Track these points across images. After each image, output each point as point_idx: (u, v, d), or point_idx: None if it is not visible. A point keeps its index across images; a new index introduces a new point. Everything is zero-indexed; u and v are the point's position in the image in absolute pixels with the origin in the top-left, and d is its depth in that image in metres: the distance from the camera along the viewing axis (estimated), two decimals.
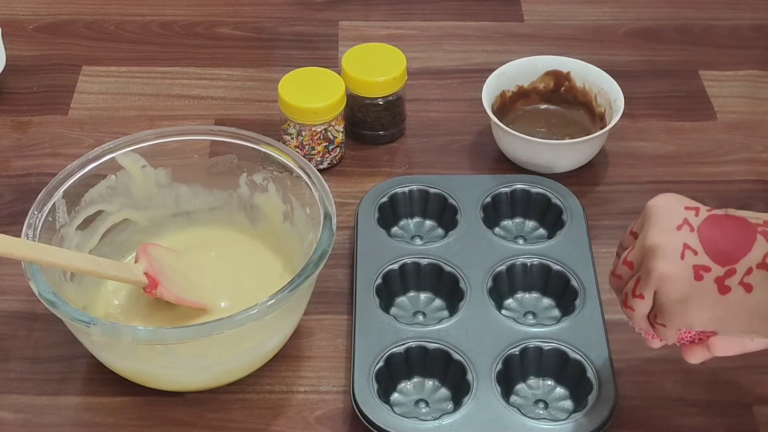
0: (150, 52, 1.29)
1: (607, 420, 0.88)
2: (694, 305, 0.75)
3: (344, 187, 1.10)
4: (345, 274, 1.02)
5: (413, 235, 1.05)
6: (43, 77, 1.24)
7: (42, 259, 0.86)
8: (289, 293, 0.86)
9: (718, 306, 0.74)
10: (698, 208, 0.76)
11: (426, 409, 0.91)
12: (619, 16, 1.34)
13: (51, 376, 0.94)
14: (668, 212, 0.76)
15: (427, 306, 0.99)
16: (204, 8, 1.35)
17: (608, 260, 1.01)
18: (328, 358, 0.96)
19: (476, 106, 1.14)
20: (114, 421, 0.91)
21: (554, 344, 0.92)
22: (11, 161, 1.14)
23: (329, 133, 1.11)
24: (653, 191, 1.10)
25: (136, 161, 0.99)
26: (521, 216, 1.06)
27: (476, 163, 1.14)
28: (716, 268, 0.73)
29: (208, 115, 1.20)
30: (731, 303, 0.74)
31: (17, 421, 0.91)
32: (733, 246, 0.72)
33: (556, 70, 1.16)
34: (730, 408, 0.91)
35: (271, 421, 0.91)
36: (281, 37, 1.31)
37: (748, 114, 1.20)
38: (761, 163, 1.14)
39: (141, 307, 0.96)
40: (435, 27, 1.32)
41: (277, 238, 1.00)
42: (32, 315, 0.98)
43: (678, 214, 0.75)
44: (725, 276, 0.72)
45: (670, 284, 0.75)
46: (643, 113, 1.20)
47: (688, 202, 0.77)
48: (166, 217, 1.02)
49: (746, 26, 1.32)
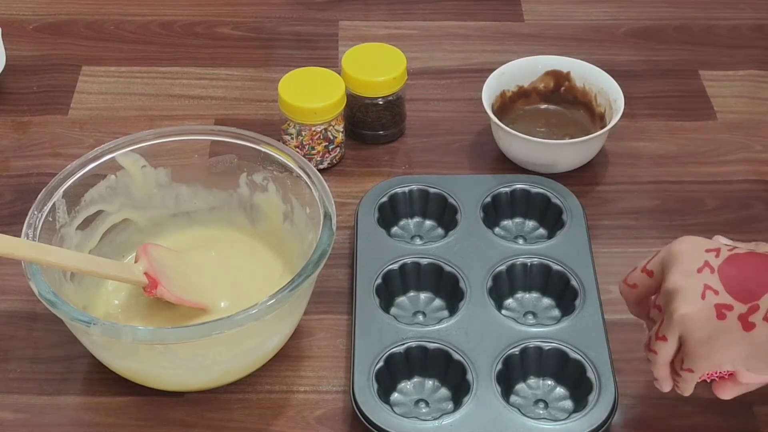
0: (150, 52, 1.29)
1: (607, 420, 0.88)
2: (718, 344, 0.75)
3: (344, 187, 1.10)
4: (345, 274, 1.02)
5: (413, 235, 1.05)
6: (43, 77, 1.24)
7: (42, 259, 0.86)
8: (289, 293, 0.86)
9: (744, 343, 0.74)
10: (719, 249, 0.75)
11: (426, 409, 0.91)
12: (619, 15, 1.34)
13: (51, 376, 0.94)
14: (689, 256, 0.76)
15: (427, 306, 0.99)
16: (204, 8, 1.35)
17: (608, 260, 1.02)
18: (328, 358, 0.96)
19: (476, 106, 1.14)
20: (114, 421, 0.91)
21: (554, 344, 0.92)
22: (11, 161, 1.14)
23: (329, 133, 1.11)
24: (653, 191, 1.11)
25: (136, 161, 0.99)
26: (521, 216, 1.06)
27: (476, 163, 1.14)
28: (738, 306, 0.72)
29: (208, 115, 1.20)
30: (756, 339, 0.73)
31: (17, 421, 0.91)
32: (754, 282, 0.72)
33: (556, 70, 1.16)
34: (730, 408, 0.91)
35: (271, 421, 0.91)
36: (281, 37, 1.31)
37: (748, 114, 1.20)
38: (761, 163, 1.14)
39: (141, 307, 0.96)
40: (435, 27, 1.32)
41: (277, 238, 1.00)
42: (32, 315, 0.98)
43: (699, 257, 0.75)
44: (748, 313, 0.72)
45: (692, 325, 0.75)
46: (643, 113, 1.20)
47: (710, 244, 0.77)
48: (166, 217, 1.02)
49: (746, 26, 1.32)
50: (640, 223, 1.07)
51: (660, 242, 1.05)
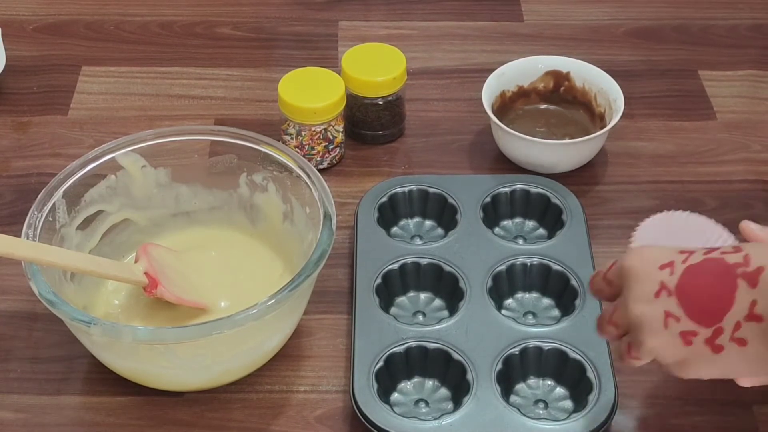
0: (150, 52, 1.29)
1: (607, 420, 0.88)
2: (694, 366, 0.73)
3: (344, 187, 1.10)
4: (345, 274, 1.02)
5: (413, 234, 1.05)
6: (43, 77, 1.24)
7: (42, 259, 0.86)
8: (289, 293, 0.86)
9: (717, 363, 0.72)
10: (672, 263, 0.72)
11: (426, 409, 0.91)
12: (619, 15, 1.34)
13: (51, 376, 0.94)
14: (643, 278, 0.72)
15: (427, 306, 0.99)
16: (204, 8, 1.35)
17: (608, 260, 1.01)
18: (328, 358, 0.96)
19: (476, 105, 1.14)
20: (114, 421, 0.91)
21: (554, 344, 0.92)
22: (11, 161, 1.14)
23: (329, 133, 1.11)
24: (653, 191, 1.11)
25: (136, 161, 0.99)
26: (521, 216, 1.06)
27: (476, 162, 1.14)
28: (703, 331, 0.70)
29: (208, 115, 1.20)
30: (728, 358, 0.71)
31: (18, 421, 0.91)
32: (714, 302, 0.69)
33: (556, 70, 1.16)
34: (730, 407, 0.91)
35: (271, 420, 0.91)
36: (281, 37, 1.31)
37: (748, 114, 1.20)
38: (760, 163, 1.14)
39: (141, 307, 0.96)
40: (435, 27, 1.32)
41: (277, 238, 1.00)
42: (32, 315, 0.98)
43: (653, 277, 0.72)
44: (714, 336, 0.69)
45: (662, 353, 0.73)
46: (642, 113, 1.20)
47: (663, 257, 0.73)
48: (166, 217, 1.02)
49: (745, 26, 1.32)
50: (639, 223, 1.07)
51: None
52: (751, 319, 0.67)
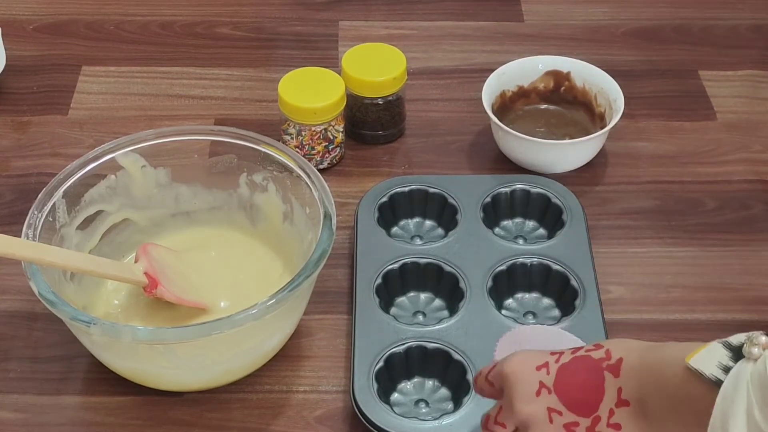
0: (150, 52, 1.29)
1: None
2: None
3: (344, 187, 1.10)
4: (345, 274, 1.02)
5: (413, 235, 1.05)
6: (43, 77, 1.24)
7: (42, 259, 0.86)
8: (289, 293, 0.86)
9: None
10: (547, 363, 0.76)
11: (426, 409, 0.91)
12: (619, 15, 1.34)
13: (51, 376, 0.94)
14: (523, 380, 0.77)
15: (427, 306, 0.99)
16: (204, 8, 1.35)
17: (608, 260, 1.02)
18: (328, 358, 0.96)
19: (476, 106, 1.14)
20: (114, 421, 0.91)
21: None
22: (11, 161, 1.14)
23: (329, 133, 1.11)
24: (653, 191, 1.11)
25: (136, 161, 0.99)
26: (521, 216, 1.06)
27: (476, 163, 1.14)
28: (583, 421, 0.74)
29: (208, 115, 1.20)
30: None
31: (17, 421, 0.91)
32: (588, 394, 0.74)
33: (556, 70, 1.16)
34: None
35: (271, 420, 0.91)
36: (281, 37, 1.31)
37: (748, 114, 1.20)
38: (760, 163, 1.14)
39: (141, 307, 0.96)
40: (435, 27, 1.32)
41: (277, 238, 1.00)
42: (32, 315, 0.98)
43: (532, 378, 0.76)
44: (593, 425, 0.74)
45: None
46: (642, 113, 1.20)
47: (537, 359, 0.77)
48: (166, 217, 1.02)
49: (745, 26, 1.32)
50: (639, 223, 1.07)
51: (659, 242, 1.05)
52: (621, 404, 0.72)
